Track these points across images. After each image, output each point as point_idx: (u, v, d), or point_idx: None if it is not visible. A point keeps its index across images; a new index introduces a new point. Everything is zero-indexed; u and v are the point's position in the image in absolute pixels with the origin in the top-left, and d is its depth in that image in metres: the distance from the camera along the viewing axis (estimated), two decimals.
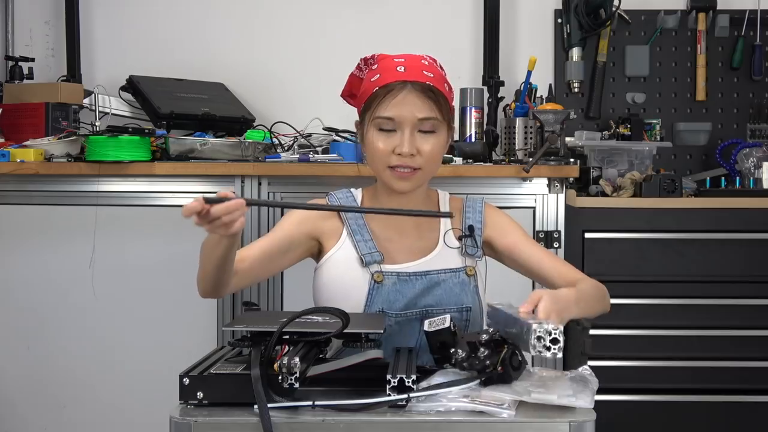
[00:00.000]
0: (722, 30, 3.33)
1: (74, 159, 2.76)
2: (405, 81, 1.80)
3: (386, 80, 1.81)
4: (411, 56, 1.86)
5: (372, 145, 1.83)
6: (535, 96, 3.09)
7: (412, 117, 1.79)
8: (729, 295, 2.80)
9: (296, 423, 1.38)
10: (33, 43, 3.39)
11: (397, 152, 1.80)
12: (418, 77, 1.81)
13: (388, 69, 1.83)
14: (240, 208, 1.47)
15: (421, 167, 1.82)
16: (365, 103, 1.84)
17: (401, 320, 1.83)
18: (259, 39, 3.39)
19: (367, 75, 1.88)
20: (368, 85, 1.85)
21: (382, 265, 1.84)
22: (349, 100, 2.00)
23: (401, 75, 1.80)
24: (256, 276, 1.86)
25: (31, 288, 2.82)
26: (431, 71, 1.84)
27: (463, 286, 1.87)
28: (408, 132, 1.80)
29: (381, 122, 1.81)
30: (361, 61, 1.93)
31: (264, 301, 2.76)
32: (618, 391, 2.74)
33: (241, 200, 1.47)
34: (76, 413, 2.84)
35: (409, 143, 1.79)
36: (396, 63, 1.83)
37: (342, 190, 1.97)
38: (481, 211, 1.95)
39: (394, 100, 1.79)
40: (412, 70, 1.82)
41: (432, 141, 1.82)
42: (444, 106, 1.83)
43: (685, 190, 2.92)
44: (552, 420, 1.39)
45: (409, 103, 1.79)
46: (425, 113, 1.80)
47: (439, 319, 1.56)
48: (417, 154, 1.81)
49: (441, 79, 1.85)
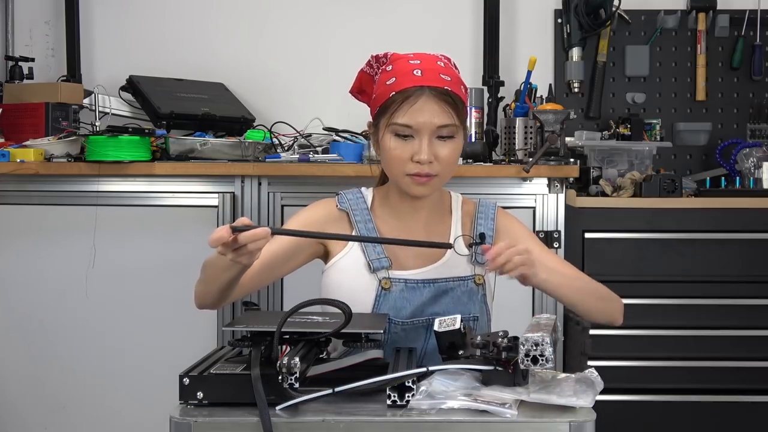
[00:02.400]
0: (722, 30, 3.33)
1: (74, 159, 2.77)
2: (423, 86, 1.75)
3: (403, 85, 1.76)
4: (426, 57, 1.81)
5: (389, 152, 1.79)
6: (535, 96, 3.09)
7: (430, 124, 1.76)
8: (728, 295, 2.80)
9: (296, 423, 1.38)
10: (33, 43, 3.39)
11: (415, 160, 1.76)
12: (435, 82, 1.76)
13: (404, 72, 1.78)
14: (266, 236, 1.47)
15: (438, 173, 1.79)
16: (381, 106, 1.80)
17: (407, 327, 1.81)
18: (259, 39, 3.39)
19: (381, 76, 1.83)
20: (383, 89, 1.80)
21: (390, 271, 1.82)
22: (359, 96, 1.96)
23: (418, 80, 1.76)
24: (257, 286, 1.85)
25: (31, 288, 2.82)
26: (448, 74, 1.79)
27: (471, 295, 1.84)
28: (426, 139, 1.76)
29: (398, 128, 1.77)
30: (372, 58, 1.88)
31: (264, 301, 2.76)
32: (618, 391, 2.74)
33: (267, 229, 1.47)
34: (76, 413, 2.84)
35: (427, 151, 1.75)
36: (412, 66, 1.78)
37: (352, 190, 1.92)
38: (493, 218, 1.91)
39: (412, 107, 1.75)
40: (429, 73, 1.77)
41: (450, 146, 1.79)
42: (461, 110, 1.79)
43: (685, 190, 2.92)
44: (552, 420, 1.39)
45: (428, 110, 1.75)
46: (444, 120, 1.76)
47: (450, 320, 1.55)
48: (435, 161, 1.77)
49: (458, 82, 1.81)
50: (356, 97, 1.97)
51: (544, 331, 1.44)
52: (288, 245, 1.83)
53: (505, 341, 1.48)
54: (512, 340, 1.48)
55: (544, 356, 1.42)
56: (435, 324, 1.56)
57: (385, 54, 1.86)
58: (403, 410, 1.40)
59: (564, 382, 1.49)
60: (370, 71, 1.90)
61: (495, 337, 1.49)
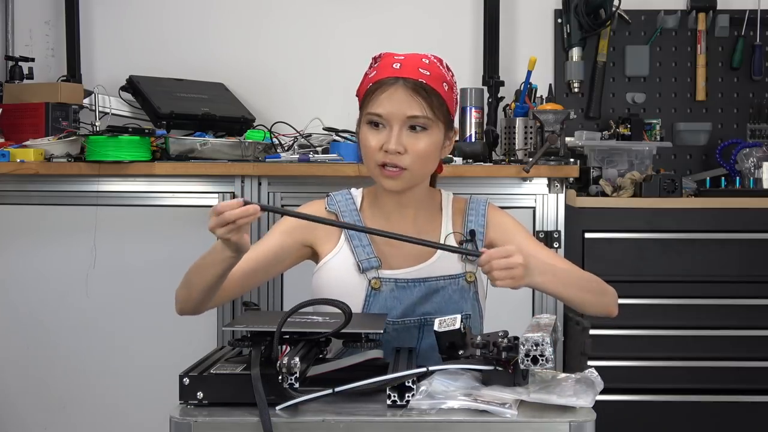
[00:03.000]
0: (722, 30, 3.33)
1: (74, 159, 2.76)
2: (398, 77, 1.77)
3: (380, 76, 1.79)
4: (412, 54, 1.83)
5: (363, 141, 1.81)
6: (535, 96, 3.09)
7: (400, 114, 1.76)
8: (728, 295, 2.80)
9: (296, 423, 1.38)
10: (33, 43, 3.39)
11: (384, 149, 1.77)
12: (411, 74, 1.77)
13: (386, 66, 1.80)
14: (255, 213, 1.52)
15: (407, 167, 1.77)
16: (362, 99, 1.82)
17: (399, 327, 1.81)
18: (259, 39, 3.39)
19: (367, 72, 1.86)
20: (365, 81, 1.83)
21: (380, 270, 1.82)
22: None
23: (395, 72, 1.78)
24: (242, 289, 1.84)
25: (32, 288, 2.82)
26: (429, 70, 1.80)
27: (463, 292, 1.84)
28: (396, 129, 1.76)
29: (371, 117, 1.79)
30: (372, 59, 1.89)
31: (264, 301, 2.76)
32: (618, 391, 2.74)
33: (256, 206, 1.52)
34: (76, 413, 2.84)
35: (395, 140, 1.75)
36: (394, 60, 1.81)
37: (342, 192, 1.93)
38: (484, 214, 1.90)
39: (383, 95, 1.77)
40: (407, 67, 1.79)
41: (423, 140, 1.78)
42: (437, 105, 1.78)
43: (685, 190, 2.92)
44: (552, 420, 1.39)
45: (398, 99, 1.76)
46: (414, 111, 1.76)
47: (450, 320, 1.55)
48: (405, 153, 1.77)
49: (439, 78, 1.80)
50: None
51: (544, 331, 1.44)
52: (273, 248, 1.84)
53: (505, 341, 1.48)
54: (512, 340, 1.48)
55: (544, 356, 1.42)
56: (435, 324, 1.56)
57: (380, 54, 1.88)
58: (403, 410, 1.40)
59: (564, 382, 1.49)
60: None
61: (495, 337, 1.49)
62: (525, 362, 1.43)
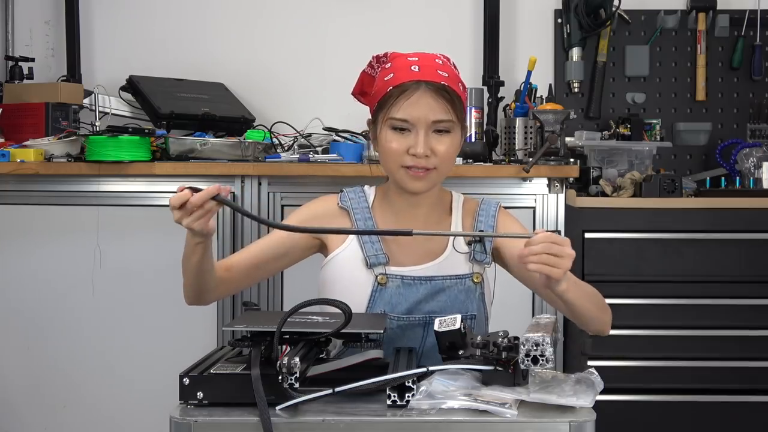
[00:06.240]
0: (722, 30, 3.33)
1: (74, 159, 2.77)
2: (419, 81, 1.77)
3: (400, 80, 1.78)
4: (425, 55, 1.84)
5: (386, 145, 1.81)
6: (535, 96, 3.09)
7: (426, 119, 1.77)
8: (729, 295, 2.80)
9: (296, 423, 1.38)
10: (33, 43, 3.39)
11: (411, 153, 1.78)
12: (432, 77, 1.78)
13: (402, 68, 1.80)
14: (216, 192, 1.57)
15: (435, 167, 1.80)
16: (379, 102, 1.82)
17: (403, 324, 1.82)
18: (259, 39, 3.39)
19: (380, 74, 1.85)
20: (381, 85, 1.82)
21: (387, 267, 1.83)
22: (360, 98, 1.97)
23: (415, 75, 1.78)
24: (250, 279, 1.88)
25: (32, 288, 2.83)
26: (445, 71, 1.81)
27: (469, 293, 1.85)
28: (423, 133, 1.78)
29: (395, 123, 1.79)
30: (373, 58, 1.90)
31: (264, 301, 2.76)
32: (618, 391, 2.74)
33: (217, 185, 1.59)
34: (76, 413, 2.84)
35: (423, 144, 1.77)
36: (410, 62, 1.81)
37: (355, 188, 1.94)
38: (494, 216, 1.91)
39: (408, 101, 1.77)
40: (426, 69, 1.79)
41: (446, 141, 1.80)
42: (458, 106, 1.81)
43: (685, 190, 2.92)
44: (552, 420, 1.39)
45: (424, 104, 1.77)
46: (440, 115, 1.78)
47: (450, 319, 1.55)
48: (432, 155, 1.79)
49: (455, 79, 1.83)
50: (358, 99, 1.98)
51: (544, 331, 1.44)
52: (282, 240, 1.86)
53: (506, 341, 1.48)
54: (512, 340, 1.48)
55: (544, 356, 1.42)
56: (435, 324, 1.56)
57: (385, 53, 1.88)
58: (403, 410, 1.40)
59: (564, 382, 1.49)
60: (371, 72, 1.91)
61: (495, 337, 1.49)
62: (525, 362, 1.43)
